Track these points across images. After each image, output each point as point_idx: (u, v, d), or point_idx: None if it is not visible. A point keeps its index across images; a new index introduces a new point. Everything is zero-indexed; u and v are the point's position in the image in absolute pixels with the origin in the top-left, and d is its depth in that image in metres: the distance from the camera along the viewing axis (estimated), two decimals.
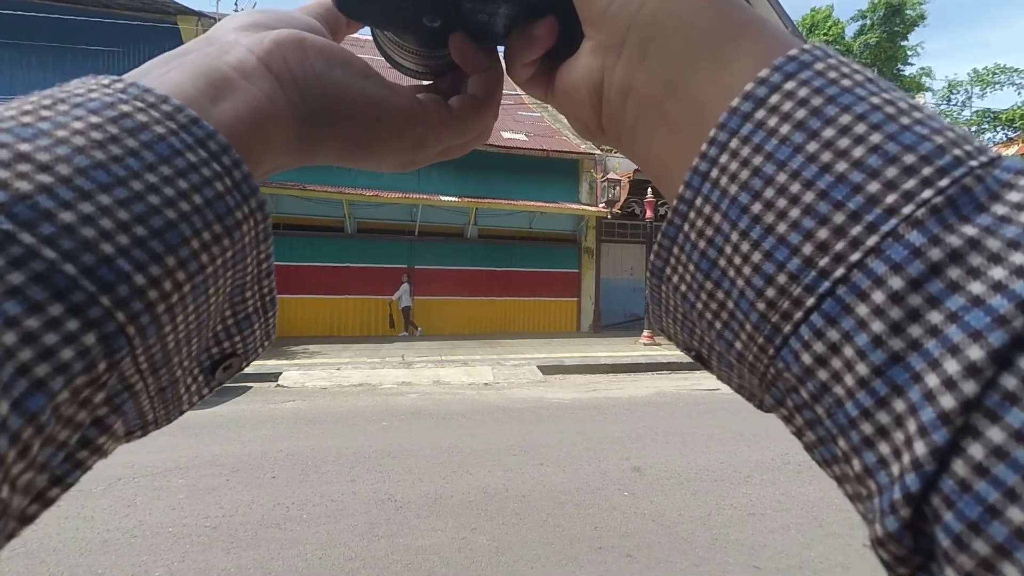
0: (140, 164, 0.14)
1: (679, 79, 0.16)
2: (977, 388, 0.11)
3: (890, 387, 0.12)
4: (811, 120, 0.14)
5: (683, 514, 2.84)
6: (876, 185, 0.13)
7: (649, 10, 0.17)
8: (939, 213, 0.12)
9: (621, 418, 4.68)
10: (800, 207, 0.13)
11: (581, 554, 2.44)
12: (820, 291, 0.13)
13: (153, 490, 3.05)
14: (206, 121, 0.16)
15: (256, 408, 4.99)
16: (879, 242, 0.12)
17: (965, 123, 11.35)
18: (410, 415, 4.71)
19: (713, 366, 0.18)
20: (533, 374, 6.61)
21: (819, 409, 0.13)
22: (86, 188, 0.13)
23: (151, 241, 0.14)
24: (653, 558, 2.41)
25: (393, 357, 7.52)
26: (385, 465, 3.46)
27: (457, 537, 2.57)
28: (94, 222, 0.13)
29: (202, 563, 2.33)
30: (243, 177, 0.16)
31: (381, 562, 2.35)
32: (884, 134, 0.13)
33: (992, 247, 0.11)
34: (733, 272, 0.14)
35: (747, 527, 2.70)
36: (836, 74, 0.14)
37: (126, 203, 0.14)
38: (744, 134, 0.14)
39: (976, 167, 0.12)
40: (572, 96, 0.20)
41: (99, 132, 0.14)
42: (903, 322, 0.12)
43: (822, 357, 0.13)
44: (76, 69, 6.55)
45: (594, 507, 2.91)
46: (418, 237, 10.25)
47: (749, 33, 0.16)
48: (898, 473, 0.12)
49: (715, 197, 0.15)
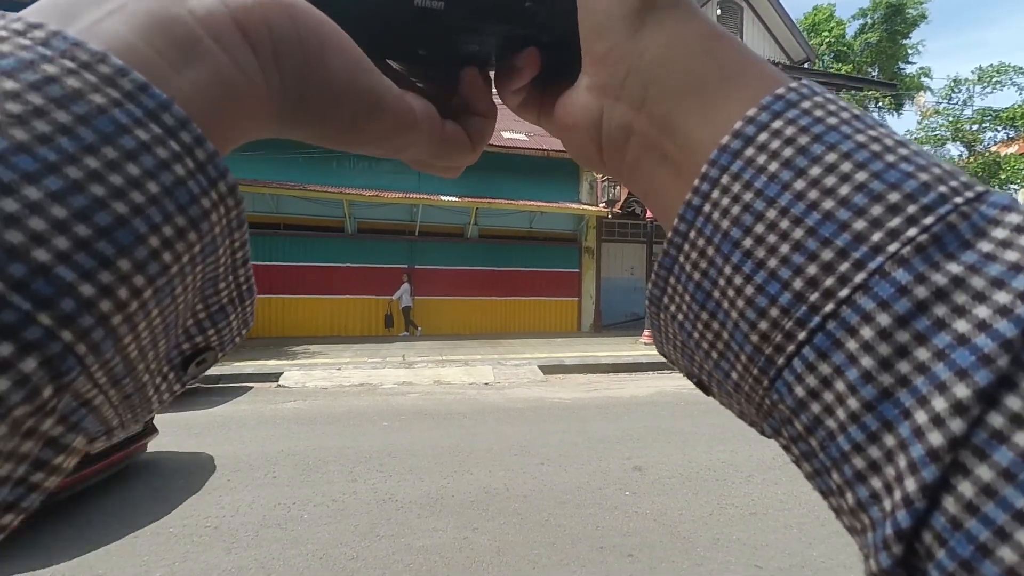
0: (75, 145, 0.11)
1: (676, 121, 0.17)
2: (964, 426, 0.11)
3: (881, 422, 0.12)
4: (798, 158, 0.14)
5: (685, 513, 2.83)
6: (862, 223, 0.13)
7: (649, 57, 0.17)
8: (924, 251, 0.12)
9: (622, 417, 4.68)
10: (789, 243, 0.14)
11: (582, 554, 2.43)
12: (811, 325, 0.13)
13: (151, 490, 3.05)
14: (158, 89, 0.13)
15: (257, 408, 4.98)
16: (866, 279, 0.12)
17: (966, 121, 11.30)
18: (411, 415, 4.71)
19: (714, 392, 0.18)
20: (534, 374, 6.61)
21: (813, 442, 0.14)
22: (5, 180, 0.10)
23: (97, 242, 0.11)
24: (655, 558, 2.41)
25: (394, 357, 7.52)
26: (386, 465, 3.46)
27: (458, 537, 2.57)
28: (19, 223, 0.10)
29: (203, 563, 2.32)
30: (207, 157, 0.13)
31: (382, 562, 2.34)
32: (869, 172, 0.13)
33: (977, 285, 0.12)
34: (727, 304, 0.15)
35: (749, 526, 2.69)
36: (822, 112, 0.15)
37: (61, 196, 0.11)
38: (734, 171, 0.15)
39: (962, 203, 0.13)
40: (573, 131, 0.20)
41: (17, 103, 0.11)
42: (892, 358, 0.12)
43: (814, 390, 0.13)
44: None
45: (595, 507, 2.91)
46: (418, 237, 10.24)
47: (742, 75, 0.16)
48: (890, 509, 0.12)
49: (708, 231, 0.15)
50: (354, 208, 9.73)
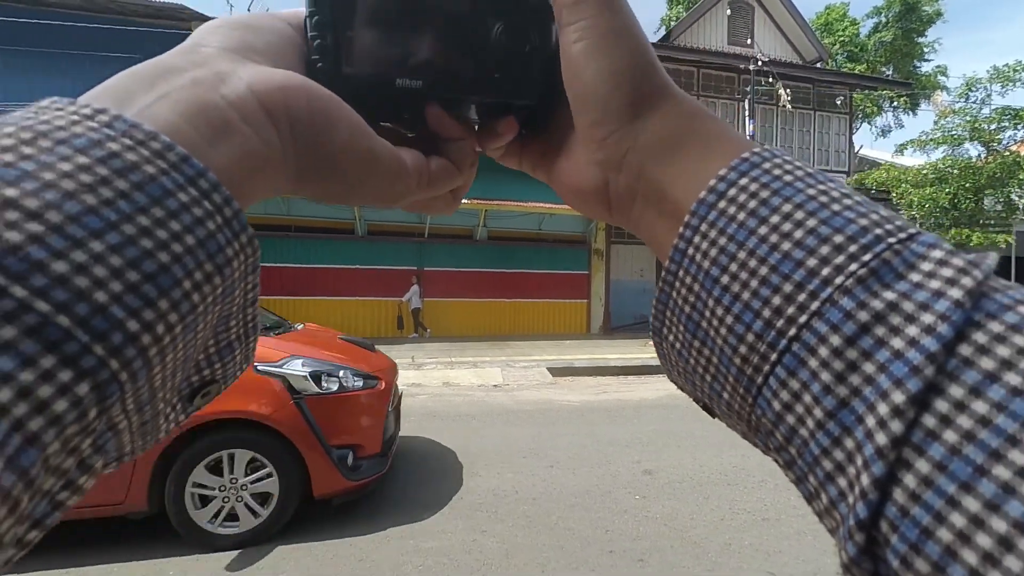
0: (132, 207, 0.14)
1: (668, 185, 0.20)
2: (902, 427, 0.13)
3: (841, 428, 0.14)
4: (760, 208, 0.17)
5: (695, 518, 2.80)
6: (814, 260, 0.15)
7: (643, 140, 0.21)
8: (864, 282, 0.15)
9: (631, 421, 4.64)
10: (757, 278, 0.16)
11: (592, 558, 2.41)
12: (780, 347, 0.15)
13: None
14: (197, 160, 0.16)
15: None
16: (819, 307, 0.15)
17: (984, 120, 11.04)
18: (420, 416, 4.71)
19: (718, 414, 0.20)
20: (543, 376, 6.59)
21: (792, 450, 0.16)
22: (78, 236, 0.13)
23: (144, 285, 0.14)
24: (665, 563, 2.38)
25: (403, 358, 7.54)
26: (395, 465, 3.46)
27: (467, 539, 2.56)
28: (87, 270, 0.13)
29: (213, 563, 2.34)
30: (233, 214, 0.16)
31: (392, 563, 2.35)
32: (818, 219, 0.16)
33: (908, 309, 0.14)
34: (713, 332, 0.17)
35: (762, 532, 2.65)
36: (780, 171, 0.17)
37: (119, 248, 0.13)
38: (711, 219, 0.17)
39: (895, 243, 0.15)
40: (581, 196, 0.23)
41: (88, 174, 0.14)
42: (845, 372, 0.14)
43: (788, 404, 0.15)
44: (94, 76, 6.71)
45: (605, 510, 2.88)
46: (427, 239, 10.28)
47: (719, 145, 0.20)
48: (851, 503, 0.14)
49: (693, 269, 0.18)
50: (364, 210, 9.79)
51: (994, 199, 10.58)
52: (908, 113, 21.85)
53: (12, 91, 9.34)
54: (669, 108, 0.21)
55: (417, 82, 0.22)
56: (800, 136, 12.65)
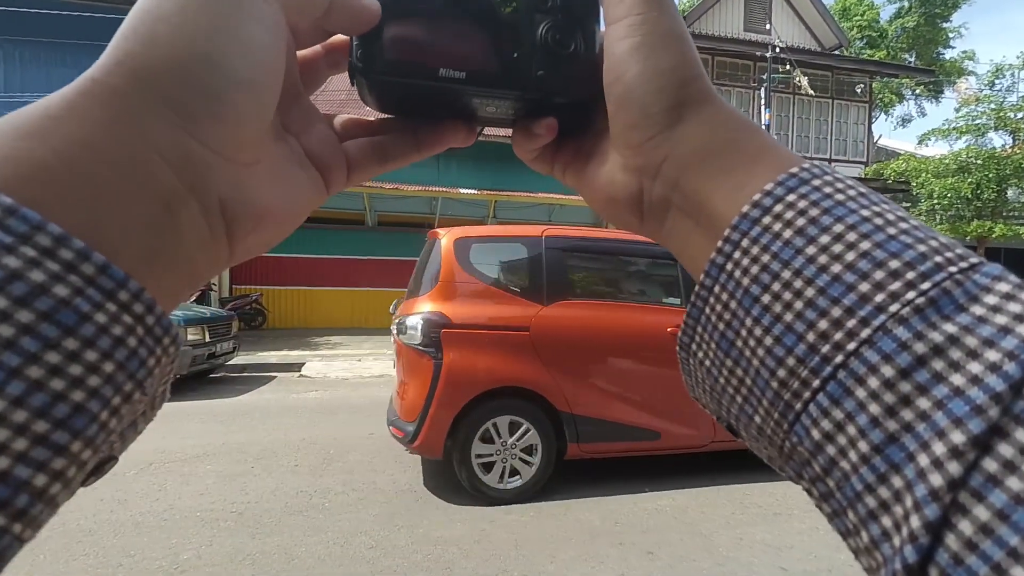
0: (38, 344, 0.12)
1: (707, 198, 0.19)
2: (961, 469, 0.12)
3: (889, 464, 0.13)
4: (809, 227, 0.16)
5: (706, 512, 2.79)
6: (867, 285, 0.14)
7: (683, 148, 0.19)
8: (922, 312, 0.14)
9: None
10: (803, 300, 0.15)
11: (601, 549, 2.41)
12: (824, 374, 0.15)
13: (182, 475, 3.15)
14: (117, 267, 0.14)
15: (280, 397, 5.09)
16: (871, 334, 0.14)
17: (1011, 109, 10.69)
18: None
19: (743, 436, 0.19)
20: None
21: (830, 482, 0.15)
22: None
23: (55, 434, 0.12)
24: (675, 556, 2.37)
25: None
26: (405, 455, 3.49)
27: (476, 529, 2.58)
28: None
29: (229, 547, 2.39)
30: (156, 320, 0.15)
31: (402, 551, 2.37)
32: (873, 241, 0.15)
33: (970, 344, 0.13)
34: (749, 352, 0.16)
35: (773, 527, 2.63)
36: (831, 189, 0.16)
37: (23, 400, 0.12)
38: (753, 235, 0.16)
39: (955, 272, 0.14)
40: (613, 204, 0.22)
41: None
42: (896, 406, 0.13)
43: (829, 434, 0.14)
44: None
45: (614, 502, 2.88)
46: None
47: (763, 158, 0.18)
48: (898, 545, 0.13)
49: (731, 286, 0.17)
50: (374, 201, 9.81)
51: (1019, 190, 10.27)
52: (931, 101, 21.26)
53: (29, 82, 9.47)
54: (711, 116, 0.20)
55: (460, 73, 0.22)
56: (817, 125, 12.36)
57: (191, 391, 5.10)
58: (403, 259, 10.12)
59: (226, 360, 5.93)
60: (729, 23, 12.34)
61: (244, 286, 9.52)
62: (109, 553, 2.31)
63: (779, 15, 12.70)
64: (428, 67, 0.22)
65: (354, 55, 0.21)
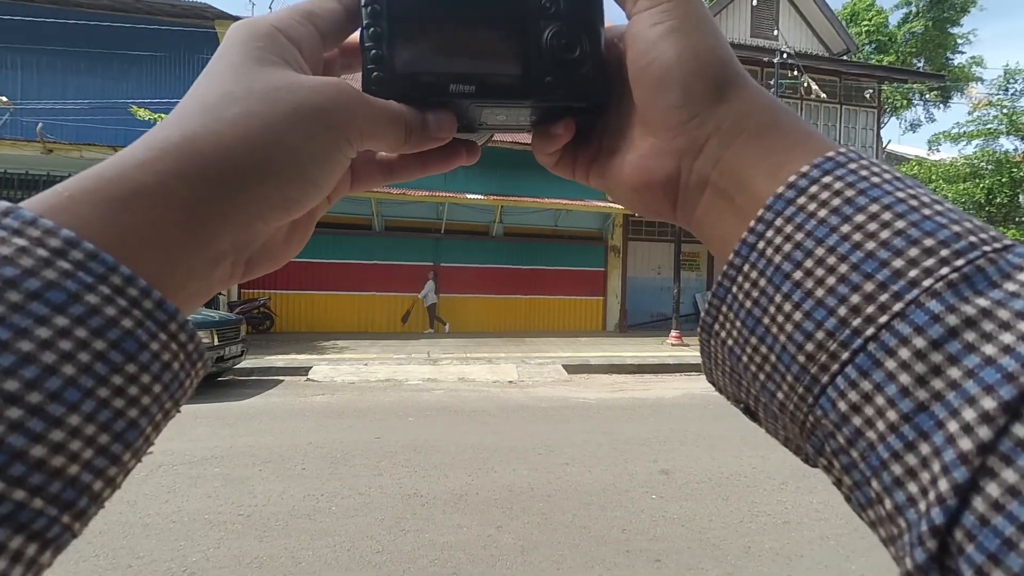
0: (108, 368, 0.14)
1: (747, 177, 0.19)
2: (991, 433, 0.12)
3: (917, 432, 0.13)
4: (844, 207, 0.16)
5: (714, 520, 2.76)
6: (900, 262, 0.15)
7: (727, 126, 0.20)
8: (955, 287, 0.14)
9: (648, 419, 4.59)
10: (835, 276, 0.15)
11: (608, 557, 2.39)
12: (854, 347, 0.15)
13: (191, 478, 3.17)
14: (170, 302, 0.16)
15: (287, 401, 5.12)
16: (903, 308, 0.14)
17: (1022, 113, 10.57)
18: (435, 411, 4.75)
19: (761, 418, 0.19)
20: (558, 373, 6.57)
21: (854, 453, 0.15)
22: (57, 414, 0.13)
23: (113, 445, 0.15)
24: (683, 564, 2.35)
25: (419, 353, 7.60)
26: (411, 460, 3.49)
27: (482, 535, 2.57)
28: (63, 448, 0.13)
29: (236, 550, 2.40)
30: (195, 347, 0.17)
31: (408, 556, 2.37)
32: (907, 221, 0.15)
33: (1003, 316, 0.13)
34: (776, 329, 0.17)
35: (782, 536, 2.60)
36: (867, 172, 0.17)
37: (93, 415, 0.14)
38: (788, 215, 0.17)
39: (989, 251, 0.14)
40: (646, 191, 0.22)
41: (68, 340, 0.14)
42: (927, 376, 0.14)
43: (856, 405, 0.15)
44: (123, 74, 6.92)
45: (621, 509, 2.86)
46: (444, 235, 10.32)
47: (804, 141, 0.19)
48: (924, 509, 0.13)
49: (761, 264, 0.17)
50: (381, 206, 9.88)
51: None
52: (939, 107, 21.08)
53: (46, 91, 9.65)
54: (752, 96, 0.20)
55: (470, 87, 0.23)
56: (826, 130, 12.30)
57: (199, 394, 5.13)
58: (410, 264, 10.16)
59: (234, 364, 5.97)
60: (736, 28, 12.35)
61: (252, 290, 9.59)
62: (118, 554, 2.33)
63: (786, 20, 12.69)
64: (438, 83, 0.22)
65: (367, 80, 0.22)
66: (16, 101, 9.21)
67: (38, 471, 0.13)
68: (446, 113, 0.23)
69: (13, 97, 9.20)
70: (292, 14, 0.21)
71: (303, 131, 0.19)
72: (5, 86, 9.40)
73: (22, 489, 0.13)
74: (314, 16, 0.22)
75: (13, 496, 0.13)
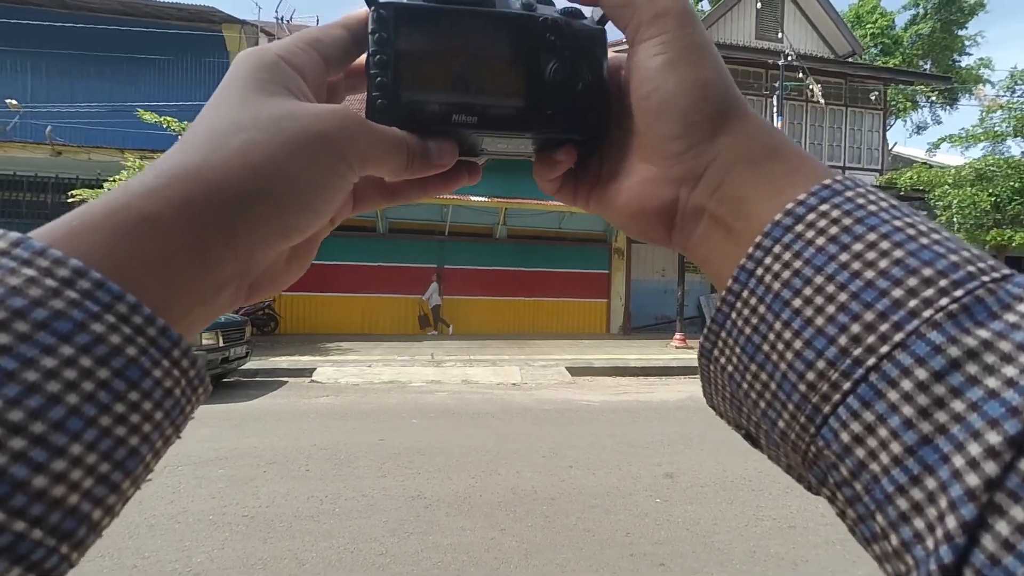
0: (111, 396, 0.14)
1: (747, 206, 0.19)
2: (998, 469, 0.12)
3: (922, 466, 0.13)
4: (842, 235, 0.16)
5: (719, 524, 2.74)
6: (899, 291, 0.15)
7: (726, 156, 0.20)
8: (955, 318, 0.14)
9: (652, 422, 4.58)
10: (835, 304, 0.15)
11: (612, 560, 2.39)
12: (855, 377, 0.15)
13: (196, 478, 3.18)
14: (174, 329, 0.16)
15: (291, 402, 5.13)
16: (904, 338, 0.14)
17: None
18: (439, 413, 4.75)
19: (763, 445, 0.19)
20: (561, 375, 6.56)
21: (858, 485, 0.15)
22: (59, 444, 0.13)
23: (114, 473, 0.15)
24: (687, 568, 2.34)
25: (423, 355, 7.61)
26: (415, 462, 3.49)
27: (486, 537, 2.56)
28: (64, 478, 0.13)
29: (241, 551, 2.40)
30: (196, 372, 0.17)
31: (411, 558, 2.36)
32: (905, 250, 0.15)
33: (1004, 348, 0.13)
34: (776, 356, 0.16)
35: (788, 540, 2.58)
36: (864, 200, 0.17)
37: (95, 444, 0.14)
38: (786, 242, 0.17)
39: (988, 282, 0.14)
40: (642, 217, 0.23)
41: (73, 369, 0.14)
42: (930, 408, 0.13)
43: (859, 436, 0.14)
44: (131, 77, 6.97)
45: (625, 512, 2.85)
46: (448, 237, 10.34)
47: (802, 169, 0.19)
48: (932, 546, 0.13)
49: (760, 291, 0.17)
50: (386, 209, 9.84)
51: None
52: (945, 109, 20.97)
53: (55, 94, 9.76)
54: (752, 126, 0.20)
55: (472, 118, 0.23)
56: (831, 133, 12.26)
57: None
58: (414, 266, 10.19)
59: (239, 365, 6.00)
60: (741, 31, 12.33)
61: None
62: (123, 554, 2.34)
63: (791, 23, 12.66)
64: (441, 113, 0.22)
65: (370, 107, 0.22)
66: (25, 104, 9.31)
67: (39, 501, 0.13)
68: (448, 141, 0.23)
69: (23, 100, 9.31)
70: (297, 42, 0.22)
71: (304, 159, 0.19)
72: (15, 89, 9.51)
73: (22, 520, 0.13)
74: (319, 43, 0.22)
75: (13, 527, 0.13)
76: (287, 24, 12.37)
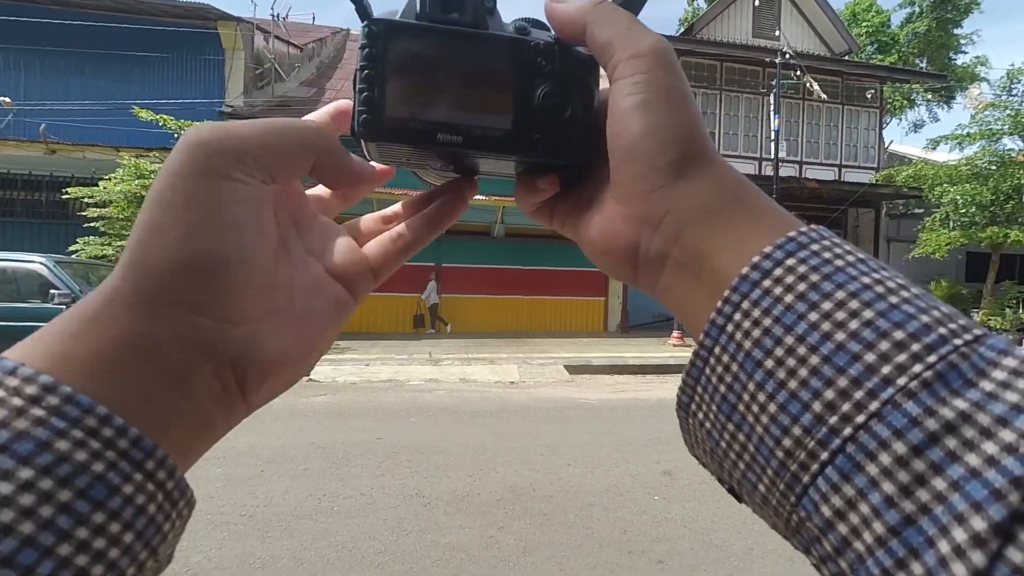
0: (70, 521, 0.13)
1: (709, 254, 0.19)
2: (985, 560, 0.12)
3: (907, 549, 0.13)
4: (810, 293, 0.16)
5: (717, 521, 2.75)
6: (872, 356, 0.14)
7: (687, 202, 0.20)
8: (930, 386, 0.14)
9: (650, 420, 4.59)
10: (807, 368, 0.15)
11: (610, 558, 2.39)
12: (832, 447, 0.14)
13: (193, 478, 2.98)
14: (148, 438, 0.15)
15: (288, 401, 5.12)
16: (880, 408, 0.14)
17: None
18: (437, 412, 4.75)
19: (746, 501, 0.19)
20: (559, 373, 6.57)
21: (843, 563, 0.14)
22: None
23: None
24: (686, 566, 2.35)
25: (421, 354, 7.61)
26: (413, 461, 3.49)
27: (484, 535, 2.56)
28: None
29: (239, 551, 2.40)
30: (175, 485, 0.16)
31: (410, 556, 2.37)
32: (875, 311, 0.15)
33: (983, 422, 0.13)
34: (752, 419, 0.16)
35: None
36: (830, 255, 0.17)
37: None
38: (754, 298, 0.17)
39: (961, 345, 0.14)
40: (610, 254, 0.22)
41: (30, 494, 0.13)
42: (911, 486, 0.13)
43: (840, 511, 0.14)
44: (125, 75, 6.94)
45: (623, 510, 2.86)
46: (445, 235, 10.25)
47: (765, 217, 0.19)
48: None
49: (732, 348, 0.17)
50: (383, 206, 9.88)
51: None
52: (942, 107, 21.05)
53: (49, 91, 9.68)
54: (715, 174, 0.20)
55: (457, 138, 0.23)
56: (827, 131, 12.28)
57: None
58: (411, 264, 10.17)
59: None
60: (738, 29, 12.33)
61: None
62: None
63: (788, 21, 12.67)
64: (426, 131, 0.22)
65: (356, 121, 0.22)
66: (19, 102, 9.24)
67: None
68: (369, 165, 0.24)
69: (16, 98, 9.24)
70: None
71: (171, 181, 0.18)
72: (8, 87, 9.43)
73: None
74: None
75: None
76: (283, 21, 12.30)
